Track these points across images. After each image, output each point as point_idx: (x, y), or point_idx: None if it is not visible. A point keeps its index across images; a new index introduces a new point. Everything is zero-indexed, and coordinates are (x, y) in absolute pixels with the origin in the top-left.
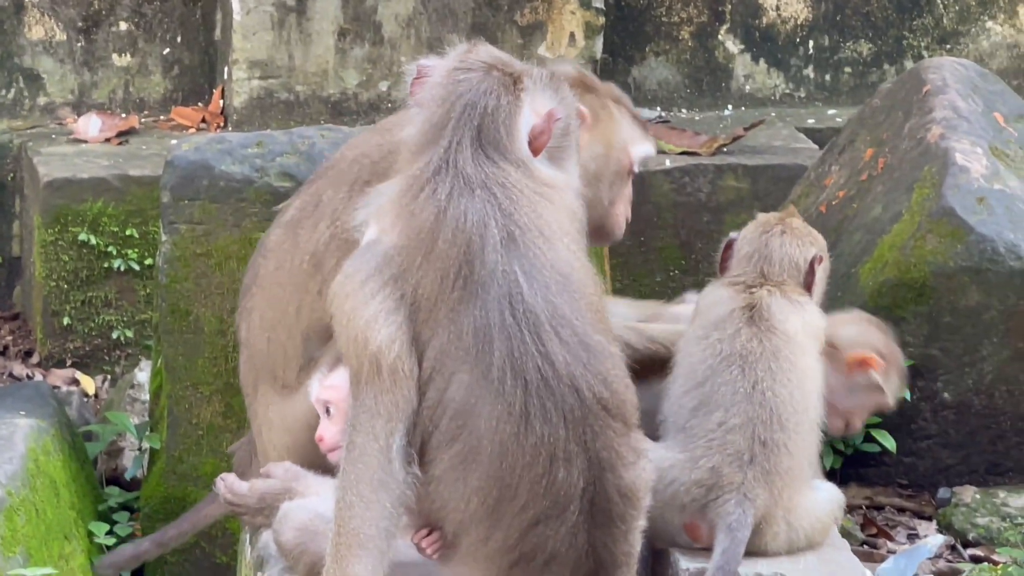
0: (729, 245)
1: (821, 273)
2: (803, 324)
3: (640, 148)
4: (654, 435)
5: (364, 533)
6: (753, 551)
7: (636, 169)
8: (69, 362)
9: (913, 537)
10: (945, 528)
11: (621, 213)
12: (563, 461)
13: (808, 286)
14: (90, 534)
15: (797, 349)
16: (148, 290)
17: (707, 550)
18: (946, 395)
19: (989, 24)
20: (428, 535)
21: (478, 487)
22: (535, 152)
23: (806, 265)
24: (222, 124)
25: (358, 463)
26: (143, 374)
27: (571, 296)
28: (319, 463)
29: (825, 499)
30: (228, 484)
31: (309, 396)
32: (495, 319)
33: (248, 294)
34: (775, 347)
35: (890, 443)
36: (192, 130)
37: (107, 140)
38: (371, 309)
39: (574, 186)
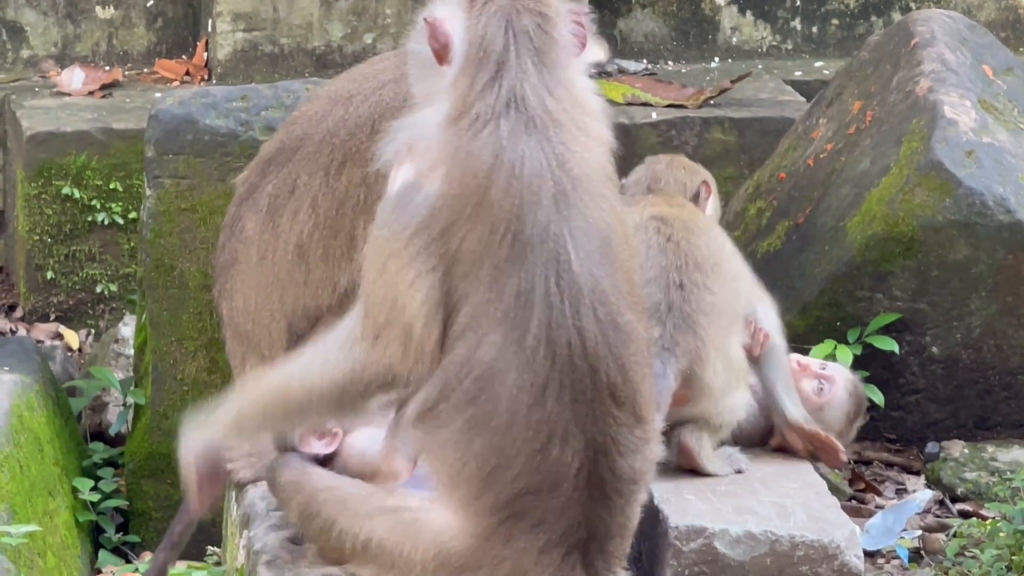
0: None
1: (712, 202)
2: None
3: None
4: None
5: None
6: (700, 395)
7: None
8: (53, 316)
9: (901, 492)
10: (933, 483)
11: None
12: (560, 440)
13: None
14: (74, 490)
15: (703, 219)
16: (132, 244)
17: (697, 509)
18: (934, 349)
19: None
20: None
21: (479, 452)
22: (580, 50)
23: (693, 188)
24: (206, 77)
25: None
26: (127, 328)
27: (611, 266)
28: None
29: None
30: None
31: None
32: (539, 285)
33: (227, 275)
34: (689, 211)
35: (878, 397)
36: (176, 83)
37: (90, 93)
38: (411, 274)
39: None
